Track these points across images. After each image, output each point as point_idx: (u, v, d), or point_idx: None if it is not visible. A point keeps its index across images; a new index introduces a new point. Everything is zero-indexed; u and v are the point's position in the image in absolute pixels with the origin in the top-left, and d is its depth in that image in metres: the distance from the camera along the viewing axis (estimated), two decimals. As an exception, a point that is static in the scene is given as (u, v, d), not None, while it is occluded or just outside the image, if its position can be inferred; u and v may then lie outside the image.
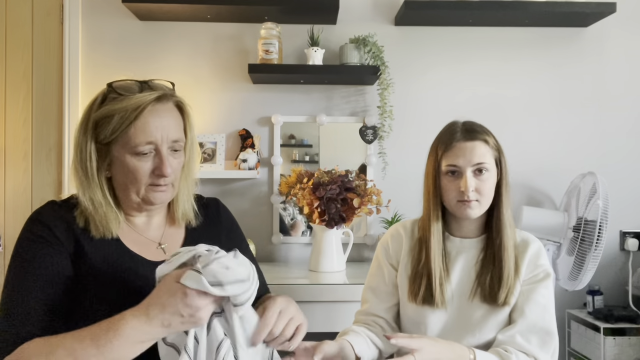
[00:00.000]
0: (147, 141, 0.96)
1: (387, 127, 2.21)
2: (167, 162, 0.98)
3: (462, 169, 1.17)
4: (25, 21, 2.24)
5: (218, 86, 2.27)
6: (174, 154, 1.01)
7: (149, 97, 0.97)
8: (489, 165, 1.17)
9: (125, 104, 0.95)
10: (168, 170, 0.98)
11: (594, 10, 2.11)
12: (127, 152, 0.97)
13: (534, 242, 1.23)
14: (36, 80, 2.24)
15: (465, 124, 1.22)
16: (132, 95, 0.97)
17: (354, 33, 2.21)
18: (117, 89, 0.98)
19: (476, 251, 1.22)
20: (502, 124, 2.27)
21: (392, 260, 1.30)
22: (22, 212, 2.23)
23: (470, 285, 1.19)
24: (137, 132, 0.95)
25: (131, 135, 0.95)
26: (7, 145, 2.23)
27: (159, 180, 0.99)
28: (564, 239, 2.04)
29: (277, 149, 2.26)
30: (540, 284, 1.18)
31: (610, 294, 2.24)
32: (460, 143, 1.18)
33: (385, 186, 2.20)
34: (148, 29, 2.26)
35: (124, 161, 0.97)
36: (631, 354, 2.00)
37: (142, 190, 0.99)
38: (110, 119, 0.96)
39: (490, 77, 2.30)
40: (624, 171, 2.30)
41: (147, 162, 0.98)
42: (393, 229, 1.35)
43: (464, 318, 1.18)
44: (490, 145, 1.18)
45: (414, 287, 1.22)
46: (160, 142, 0.98)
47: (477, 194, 1.17)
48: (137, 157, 0.97)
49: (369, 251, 2.28)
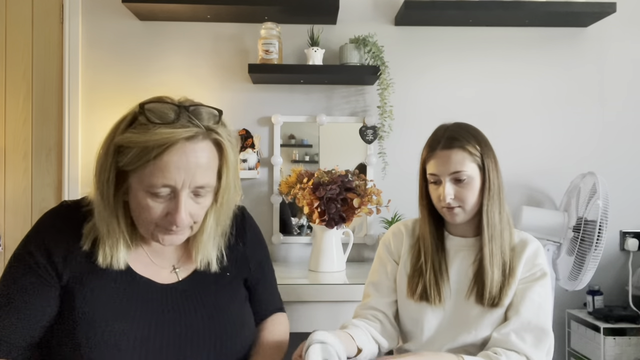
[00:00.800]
0: (163, 184, 0.84)
1: (387, 127, 2.21)
2: (183, 208, 0.86)
3: (441, 177, 1.19)
4: (25, 21, 2.24)
5: (218, 86, 2.27)
6: (197, 198, 0.89)
7: (178, 136, 0.83)
8: (468, 173, 1.17)
9: (149, 137, 0.82)
10: (181, 217, 0.86)
11: (594, 10, 2.11)
12: (141, 188, 0.86)
13: (533, 242, 1.23)
14: (36, 80, 2.24)
15: (449, 130, 1.21)
16: (161, 127, 0.83)
17: (354, 33, 2.21)
18: (148, 112, 0.85)
19: (475, 250, 1.23)
20: (502, 124, 2.27)
21: (394, 256, 1.32)
22: (22, 212, 2.23)
23: (467, 284, 1.21)
24: (154, 171, 0.83)
25: (147, 173, 0.84)
26: (7, 145, 2.23)
27: (171, 226, 0.88)
28: (564, 239, 2.04)
29: (277, 149, 2.26)
30: (537, 282, 1.18)
31: (610, 294, 2.24)
32: (439, 151, 1.19)
33: (385, 186, 2.20)
34: (148, 29, 2.26)
35: (137, 195, 0.87)
36: (631, 354, 2.00)
37: (152, 229, 0.90)
38: (130, 150, 0.84)
39: (490, 77, 2.30)
40: (624, 171, 2.30)
41: (161, 203, 0.86)
42: (395, 227, 1.37)
43: (460, 316, 1.19)
44: (470, 152, 1.17)
45: (412, 284, 1.24)
46: (179, 186, 0.85)
47: (458, 201, 1.18)
48: (151, 196, 0.86)
49: (369, 251, 2.28)
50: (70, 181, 2.20)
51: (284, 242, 2.26)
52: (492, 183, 1.19)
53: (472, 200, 1.18)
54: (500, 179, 1.21)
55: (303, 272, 1.99)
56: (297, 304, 1.74)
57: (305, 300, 1.74)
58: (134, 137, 0.83)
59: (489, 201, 1.19)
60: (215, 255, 1.01)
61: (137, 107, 0.87)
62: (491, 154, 1.21)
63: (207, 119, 0.87)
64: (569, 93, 2.31)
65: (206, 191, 0.89)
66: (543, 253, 1.23)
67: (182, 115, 0.85)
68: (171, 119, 0.84)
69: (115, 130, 0.88)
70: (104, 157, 0.88)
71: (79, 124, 2.22)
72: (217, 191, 0.93)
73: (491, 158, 1.20)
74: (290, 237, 2.26)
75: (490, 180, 1.19)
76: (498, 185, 1.20)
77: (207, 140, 0.87)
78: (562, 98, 2.31)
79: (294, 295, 1.73)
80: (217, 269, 1.01)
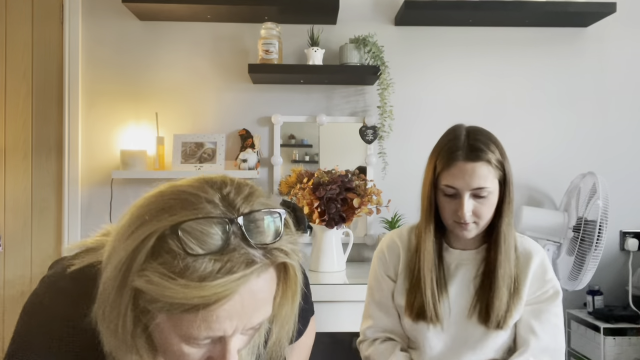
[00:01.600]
0: (207, 336, 0.58)
1: (387, 127, 2.21)
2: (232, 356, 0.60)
3: (460, 192, 1.07)
4: (25, 21, 2.24)
5: (218, 86, 2.27)
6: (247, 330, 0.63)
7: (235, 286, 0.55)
8: (490, 189, 1.07)
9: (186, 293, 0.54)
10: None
11: (594, 10, 2.11)
12: (176, 334, 0.59)
13: (537, 253, 1.15)
14: (36, 80, 2.24)
15: (470, 137, 1.09)
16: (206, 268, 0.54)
17: (354, 33, 2.21)
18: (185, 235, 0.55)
19: (476, 263, 1.15)
20: (502, 123, 2.27)
21: (390, 272, 1.22)
22: (22, 212, 2.23)
23: (469, 301, 1.12)
24: (197, 323, 0.56)
25: (186, 322, 0.57)
26: (7, 145, 2.23)
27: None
28: (564, 239, 2.04)
29: (277, 149, 2.26)
30: (552, 303, 1.12)
31: (610, 294, 2.24)
32: (461, 163, 1.06)
33: (385, 186, 2.20)
34: (148, 29, 2.26)
35: (168, 338, 0.59)
36: (631, 354, 2.00)
37: None
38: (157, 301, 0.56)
39: (490, 77, 2.30)
40: (624, 171, 2.30)
41: (201, 349, 0.61)
42: (389, 239, 1.26)
43: (463, 336, 1.12)
44: (494, 165, 1.07)
45: (409, 302, 1.15)
46: (229, 334, 0.59)
47: (474, 217, 1.08)
48: (189, 344, 0.59)
49: (369, 251, 2.28)
50: (70, 181, 2.20)
51: (284, 242, 2.26)
52: (512, 198, 1.10)
53: (489, 215, 1.09)
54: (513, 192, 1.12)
55: (303, 272, 1.99)
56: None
57: (305, 300, 1.74)
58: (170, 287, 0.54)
59: (508, 219, 1.10)
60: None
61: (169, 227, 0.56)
62: (510, 164, 1.10)
63: (267, 231, 0.59)
64: (569, 93, 2.31)
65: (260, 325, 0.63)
66: (549, 264, 1.16)
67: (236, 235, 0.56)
68: (220, 246, 0.55)
69: (130, 262, 0.57)
70: (117, 295, 0.58)
71: (79, 124, 2.22)
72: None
73: (510, 170, 1.10)
74: (290, 237, 2.26)
75: (511, 195, 1.10)
76: (512, 199, 1.11)
77: (270, 268, 0.60)
78: (562, 98, 2.31)
79: (294, 295, 1.72)
80: None
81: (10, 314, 2.22)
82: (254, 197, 0.60)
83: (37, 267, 2.23)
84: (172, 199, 0.59)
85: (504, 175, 1.09)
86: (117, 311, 0.58)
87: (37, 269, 2.23)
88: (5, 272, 2.23)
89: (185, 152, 2.18)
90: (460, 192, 1.07)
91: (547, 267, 1.15)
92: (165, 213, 0.57)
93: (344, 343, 2.23)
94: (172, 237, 0.55)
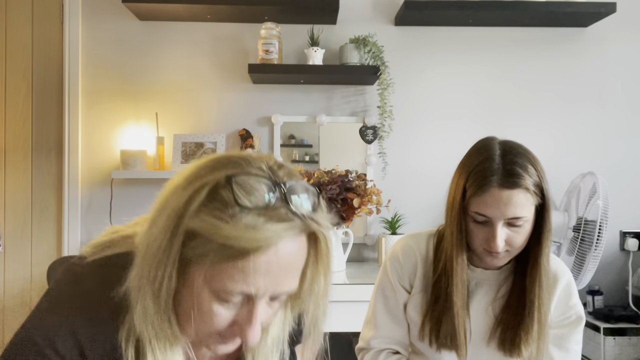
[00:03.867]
0: (241, 291, 0.62)
1: (387, 127, 2.21)
2: (258, 321, 0.65)
3: (493, 221, 0.96)
4: (25, 21, 2.24)
5: (218, 86, 2.27)
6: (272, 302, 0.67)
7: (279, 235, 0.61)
8: (527, 217, 0.96)
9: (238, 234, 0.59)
10: (254, 333, 0.65)
11: (594, 10, 2.11)
12: (208, 288, 0.63)
13: (563, 276, 1.08)
14: (36, 81, 2.24)
15: (505, 158, 0.97)
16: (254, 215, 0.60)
17: (354, 33, 2.21)
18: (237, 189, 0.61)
19: (497, 283, 1.07)
20: (502, 124, 2.27)
21: (404, 282, 1.13)
22: (22, 212, 2.23)
23: (488, 325, 1.06)
24: (234, 274, 0.61)
25: (223, 273, 0.61)
26: (7, 145, 2.23)
27: (234, 338, 0.67)
28: (564, 239, 2.04)
29: (277, 149, 2.26)
30: (574, 329, 1.07)
31: (610, 294, 2.24)
32: (495, 190, 0.94)
33: (385, 186, 2.20)
34: (148, 29, 2.26)
35: (199, 295, 0.63)
36: (631, 354, 2.00)
37: (207, 338, 0.67)
38: (206, 241, 0.61)
39: (490, 77, 2.30)
40: (624, 171, 2.30)
41: (230, 310, 0.64)
42: (405, 244, 1.15)
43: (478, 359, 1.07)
44: (532, 192, 0.95)
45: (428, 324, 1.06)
46: (260, 293, 0.63)
47: (507, 246, 0.98)
48: (220, 301, 0.63)
49: (369, 251, 2.28)
50: (70, 181, 2.20)
51: (284, 242, 2.26)
52: (551, 225, 0.99)
53: (522, 244, 0.99)
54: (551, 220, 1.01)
55: (303, 272, 1.99)
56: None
57: (305, 300, 1.74)
58: (220, 226, 0.59)
59: (546, 248, 1.00)
60: None
61: (222, 176, 0.62)
62: (549, 187, 0.99)
63: (305, 201, 0.64)
64: (569, 93, 2.31)
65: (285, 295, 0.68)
66: (575, 288, 1.10)
67: (278, 193, 0.62)
68: (265, 202, 0.61)
69: (184, 208, 0.62)
70: (168, 243, 0.62)
71: (79, 124, 2.22)
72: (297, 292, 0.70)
73: (548, 197, 0.98)
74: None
75: (550, 222, 0.99)
76: (551, 228, 1.00)
77: (304, 234, 0.65)
78: (562, 98, 2.31)
79: (294, 295, 1.72)
80: None
81: (10, 313, 2.22)
82: (295, 174, 0.67)
83: (37, 267, 2.23)
84: (225, 160, 0.65)
85: (542, 201, 0.98)
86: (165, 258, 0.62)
87: (37, 269, 2.23)
88: (5, 272, 2.23)
89: (185, 152, 2.18)
90: (493, 221, 0.96)
91: (572, 291, 1.08)
92: (219, 169, 0.63)
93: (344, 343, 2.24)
94: (225, 188, 0.61)
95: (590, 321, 2.07)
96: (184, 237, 0.61)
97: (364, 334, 1.19)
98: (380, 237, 2.16)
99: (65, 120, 2.21)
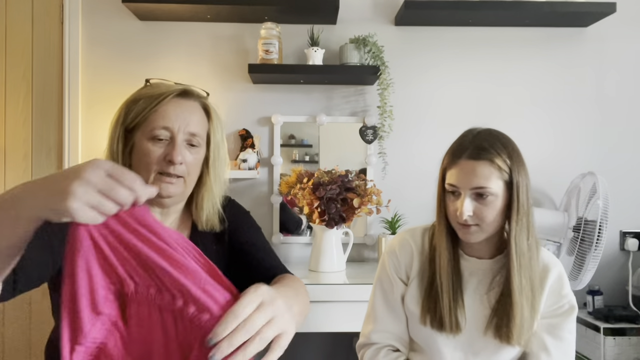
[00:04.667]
0: (163, 125, 1.02)
1: (387, 127, 2.21)
2: (179, 150, 1.01)
3: (461, 190, 1.05)
4: (25, 21, 2.24)
5: (218, 86, 2.27)
6: (190, 148, 1.05)
7: (175, 88, 1.05)
8: (492, 190, 1.03)
9: (152, 91, 1.04)
10: (178, 157, 1.01)
11: (594, 10, 2.11)
12: (144, 137, 1.02)
13: (555, 267, 1.12)
14: (36, 80, 2.24)
15: (478, 137, 1.07)
16: (162, 87, 1.06)
17: (354, 33, 2.21)
18: (152, 84, 1.08)
19: (491, 274, 1.11)
20: (502, 124, 2.25)
21: (401, 274, 1.19)
22: (22, 212, 2.23)
23: (484, 314, 1.09)
24: (157, 117, 1.02)
25: (151, 120, 1.02)
26: (7, 145, 2.23)
27: (169, 168, 1.01)
28: (564, 239, 2.04)
29: (277, 149, 2.26)
30: (567, 318, 1.10)
31: (610, 294, 2.24)
32: (463, 160, 1.05)
33: (385, 186, 2.20)
34: (148, 29, 2.26)
35: (140, 146, 1.03)
36: (631, 354, 2.00)
37: (152, 177, 1.02)
38: (136, 103, 1.04)
39: (490, 77, 2.30)
40: (624, 171, 2.30)
41: (160, 147, 1.02)
42: (401, 238, 1.21)
43: (475, 348, 1.10)
44: (498, 166, 1.04)
45: (426, 308, 1.11)
46: (176, 129, 1.02)
47: (476, 219, 1.05)
48: (152, 141, 1.02)
49: (369, 251, 2.28)
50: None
51: (284, 242, 2.26)
52: (522, 204, 1.05)
53: (492, 219, 1.05)
54: (530, 199, 1.08)
55: (303, 272, 1.99)
56: (297, 304, 1.74)
57: (305, 300, 1.74)
58: (140, 92, 1.05)
59: (517, 225, 1.04)
60: (217, 217, 1.13)
61: (145, 82, 1.10)
62: (523, 170, 1.07)
63: (197, 93, 1.10)
64: (569, 93, 2.31)
65: (197, 141, 1.05)
66: (567, 278, 1.14)
67: (178, 86, 1.08)
68: (168, 85, 1.08)
69: (125, 101, 1.08)
70: (116, 120, 1.06)
71: (79, 124, 2.22)
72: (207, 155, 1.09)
73: (523, 175, 1.07)
74: (290, 237, 2.26)
75: (520, 201, 1.05)
76: (528, 206, 1.06)
77: (197, 102, 1.08)
78: (562, 98, 2.31)
79: (294, 295, 1.72)
80: (219, 228, 1.13)
81: (11, 313, 2.22)
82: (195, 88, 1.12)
83: (37, 267, 2.23)
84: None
85: (511, 179, 1.05)
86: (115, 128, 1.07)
87: (37, 269, 2.23)
88: (5, 272, 2.22)
89: (185, 152, 2.19)
90: (461, 191, 1.05)
91: (564, 281, 1.12)
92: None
93: (344, 343, 2.23)
94: (145, 85, 1.09)
95: (590, 321, 2.07)
96: (125, 114, 1.05)
97: (364, 329, 1.22)
98: (380, 237, 2.16)
99: (65, 120, 2.21)
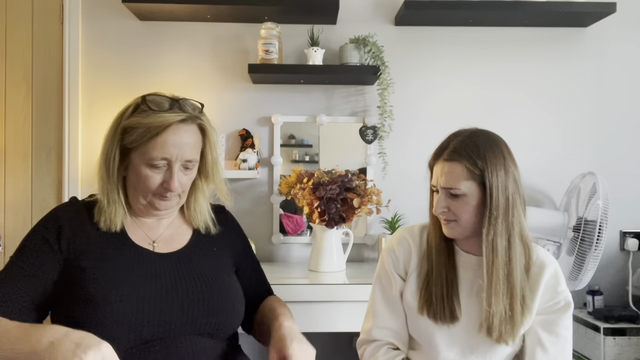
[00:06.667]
0: (162, 157, 1.06)
1: (387, 127, 2.21)
2: (176, 178, 1.08)
3: (438, 188, 1.13)
4: (25, 21, 2.24)
5: (218, 86, 2.27)
6: (185, 170, 1.11)
7: (174, 118, 1.06)
8: (462, 191, 1.07)
9: (152, 120, 1.05)
10: (175, 185, 1.08)
11: (594, 10, 2.11)
12: (143, 162, 1.07)
13: (550, 264, 1.14)
14: (36, 80, 2.24)
15: (457, 139, 1.12)
16: (160, 113, 1.05)
17: (354, 33, 2.21)
18: (149, 102, 1.07)
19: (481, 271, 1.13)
20: (502, 124, 2.27)
21: (400, 270, 1.22)
22: (22, 212, 2.23)
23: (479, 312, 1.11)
24: (155, 146, 1.05)
25: (150, 148, 1.05)
26: (7, 145, 2.23)
27: (166, 193, 1.09)
28: (564, 239, 2.04)
29: (277, 149, 2.26)
30: (563, 314, 1.11)
31: (610, 294, 2.24)
32: (440, 162, 1.12)
33: (385, 186, 2.20)
34: (148, 29, 2.26)
35: (138, 168, 1.07)
36: (631, 354, 2.00)
37: (149, 197, 1.10)
38: (135, 130, 1.06)
39: (490, 77, 2.30)
40: (624, 171, 2.30)
41: (158, 174, 1.08)
42: (400, 235, 1.25)
43: (471, 344, 1.12)
44: (468, 169, 1.07)
45: (422, 298, 1.15)
46: (174, 159, 1.07)
47: (453, 215, 1.10)
48: (151, 168, 1.07)
49: (369, 251, 2.28)
50: (70, 181, 2.20)
51: (284, 242, 2.26)
52: (496, 205, 1.06)
53: (467, 217, 1.10)
54: (514, 198, 1.09)
55: (303, 272, 1.99)
56: (297, 304, 1.74)
57: (305, 301, 1.74)
58: (141, 120, 1.05)
59: (489, 225, 1.07)
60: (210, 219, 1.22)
61: (139, 98, 1.09)
62: (502, 172, 1.07)
63: (192, 109, 1.11)
64: (569, 93, 2.31)
65: (192, 164, 1.11)
66: (562, 276, 1.15)
67: (174, 105, 1.08)
68: (166, 108, 1.07)
69: (121, 116, 1.09)
70: (112, 137, 1.08)
71: (79, 124, 2.22)
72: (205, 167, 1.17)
73: (499, 177, 1.07)
74: (290, 237, 2.26)
75: (493, 202, 1.06)
76: (506, 207, 1.07)
77: (194, 125, 1.11)
78: (562, 98, 2.31)
79: (293, 295, 1.73)
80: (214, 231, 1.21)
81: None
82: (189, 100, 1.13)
83: (37, 267, 2.23)
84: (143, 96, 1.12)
85: (484, 180, 1.07)
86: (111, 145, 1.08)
87: (37, 269, 2.23)
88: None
89: (185, 152, 2.19)
90: (438, 189, 1.13)
91: (559, 278, 1.14)
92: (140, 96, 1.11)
93: (344, 343, 2.23)
94: (142, 103, 1.08)
95: (590, 321, 2.07)
96: (121, 133, 1.07)
97: (364, 326, 1.24)
98: (380, 237, 2.16)
99: (65, 120, 2.21)
